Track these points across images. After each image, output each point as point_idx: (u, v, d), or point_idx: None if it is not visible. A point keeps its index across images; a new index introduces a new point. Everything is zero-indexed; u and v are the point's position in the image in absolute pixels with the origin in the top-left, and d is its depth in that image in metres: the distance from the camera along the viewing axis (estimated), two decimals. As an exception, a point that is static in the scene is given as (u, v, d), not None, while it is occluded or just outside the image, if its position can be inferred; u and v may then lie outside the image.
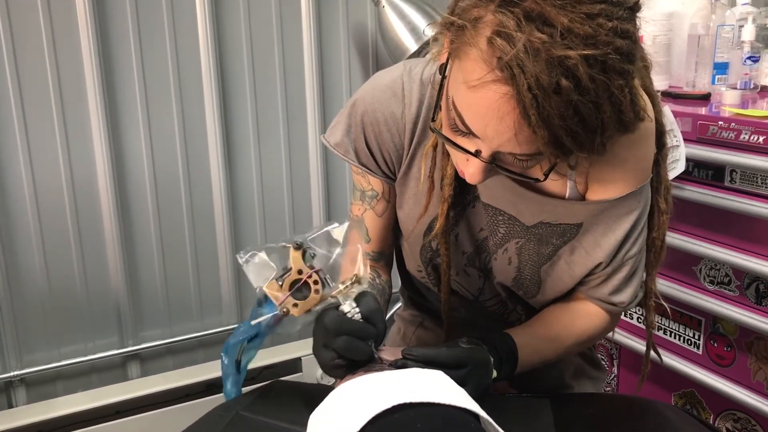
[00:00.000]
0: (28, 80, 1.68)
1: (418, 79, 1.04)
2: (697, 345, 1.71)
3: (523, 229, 1.04)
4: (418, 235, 1.09)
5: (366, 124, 1.05)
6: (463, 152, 0.84)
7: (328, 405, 0.70)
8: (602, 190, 1.01)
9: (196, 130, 1.89)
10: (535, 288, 1.08)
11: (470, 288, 1.13)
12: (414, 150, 1.06)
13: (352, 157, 1.07)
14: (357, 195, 1.13)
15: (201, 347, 2.02)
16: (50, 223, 1.77)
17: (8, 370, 1.78)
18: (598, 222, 1.02)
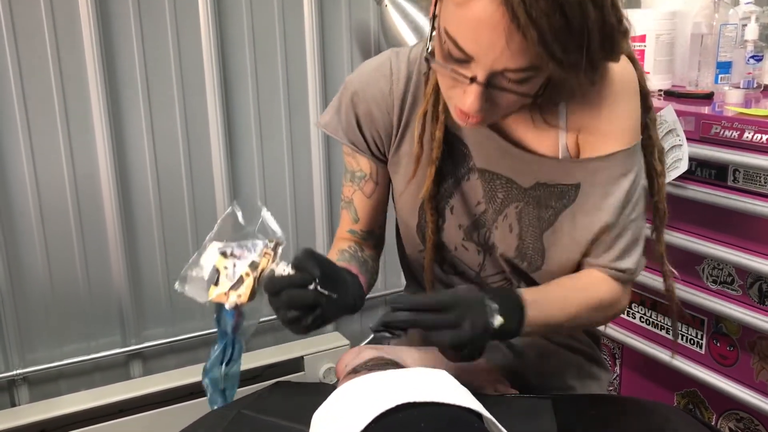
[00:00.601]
0: (31, 77, 1.69)
1: (405, 59, 1.08)
2: (699, 344, 1.71)
3: (521, 192, 1.05)
4: (413, 211, 1.11)
5: (356, 103, 1.09)
6: (461, 77, 0.87)
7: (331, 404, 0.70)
8: (593, 150, 1.03)
9: (199, 128, 1.89)
10: (539, 258, 1.07)
11: (471, 264, 1.13)
12: (404, 128, 1.09)
13: (341, 136, 1.11)
14: (347, 177, 1.16)
15: (203, 346, 2.02)
16: (53, 222, 1.77)
17: (11, 368, 1.78)
18: (595, 184, 1.03)
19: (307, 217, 2.08)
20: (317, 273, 0.90)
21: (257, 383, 1.98)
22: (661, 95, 1.81)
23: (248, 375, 1.99)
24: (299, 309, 0.90)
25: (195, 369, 1.95)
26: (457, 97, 0.92)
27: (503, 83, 0.87)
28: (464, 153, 1.08)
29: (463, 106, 0.90)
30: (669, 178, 1.59)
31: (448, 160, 1.08)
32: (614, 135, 1.02)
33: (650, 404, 0.93)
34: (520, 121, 1.05)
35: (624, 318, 1.86)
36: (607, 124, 1.02)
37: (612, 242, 1.04)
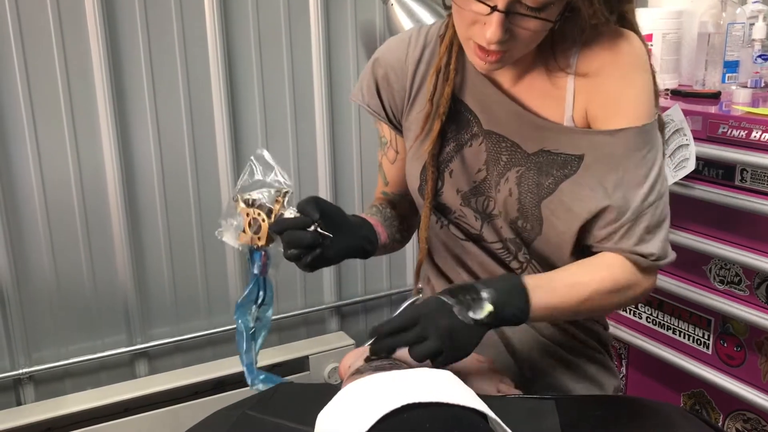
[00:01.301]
0: (37, 77, 1.69)
1: (424, 33, 1.15)
2: (706, 345, 1.71)
3: (524, 157, 1.06)
4: (416, 173, 1.14)
5: (375, 69, 1.16)
6: (482, 8, 0.92)
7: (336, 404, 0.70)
8: (602, 123, 1.03)
9: (204, 128, 1.89)
10: (538, 226, 1.07)
11: (471, 227, 1.14)
12: (416, 93, 1.14)
13: (361, 100, 1.18)
14: (378, 142, 1.24)
15: (209, 345, 2.02)
16: (58, 221, 1.77)
17: (17, 367, 1.78)
18: (599, 158, 1.02)
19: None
20: (316, 216, 0.98)
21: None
22: (668, 94, 1.80)
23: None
24: (299, 248, 0.98)
25: (201, 368, 1.96)
26: (476, 34, 0.96)
27: (523, 10, 0.92)
28: (469, 119, 1.10)
29: (483, 41, 0.95)
30: (676, 178, 1.58)
31: (452, 125, 1.11)
32: (625, 110, 1.01)
33: (655, 405, 0.93)
34: (529, 85, 1.08)
35: (630, 318, 1.85)
36: (618, 96, 1.02)
37: (630, 227, 1.01)
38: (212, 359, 2.01)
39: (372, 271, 2.22)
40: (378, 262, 2.22)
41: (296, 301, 2.12)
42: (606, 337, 1.23)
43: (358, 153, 2.12)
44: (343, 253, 1.04)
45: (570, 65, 1.04)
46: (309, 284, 2.12)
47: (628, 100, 1.01)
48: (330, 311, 2.18)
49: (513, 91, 1.08)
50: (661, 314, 1.80)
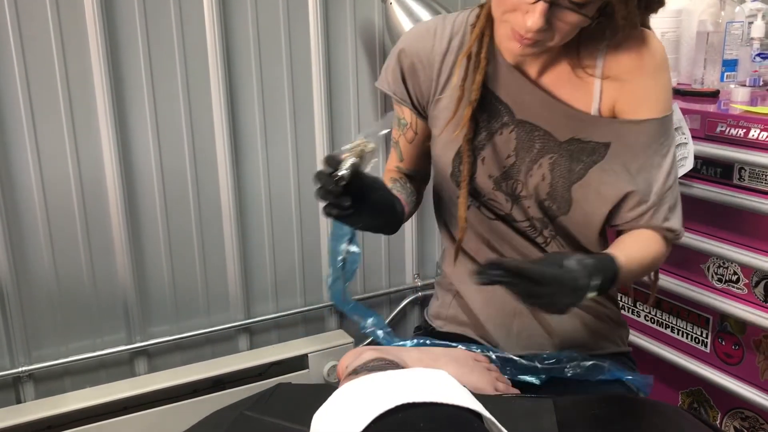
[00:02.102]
0: (37, 78, 1.69)
1: (450, 23, 1.20)
2: (704, 343, 1.71)
3: (557, 145, 1.14)
4: (448, 160, 1.19)
5: (401, 59, 1.21)
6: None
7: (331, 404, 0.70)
8: (627, 114, 1.13)
9: (204, 127, 1.89)
10: (566, 206, 1.16)
11: (502, 208, 1.21)
12: (444, 83, 1.19)
13: (386, 87, 1.24)
14: (396, 122, 1.29)
15: (208, 343, 2.03)
16: (58, 220, 1.78)
17: (16, 365, 1.78)
18: (624, 145, 1.12)
19: (311, 219, 2.09)
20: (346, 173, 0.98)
21: (262, 380, 1.99)
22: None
23: (253, 372, 2.00)
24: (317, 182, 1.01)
25: (200, 366, 1.96)
26: (516, 20, 1.01)
27: (566, 3, 0.98)
28: (499, 109, 1.16)
29: (521, 27, 1.00)
30: (674, 177, 1.59)
31: (483, 114, 1.16)
32: (648, 104, 1.12)
33: (652, 404, 0.93)
34: (556, 76, 1.15)
35: (629, 317, 1.85)
36: (643, 93, 1.12)
37: (656, 207, 1.14)
38: (211, 357, 2.01)
39: (371, 270, 2.22)
40: (377, 260, 2.23)
41: (296, 299, 2.12)
42: (615, 293, 1.34)
43: (357, 151, 2.11)
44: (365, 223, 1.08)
45: (596, 66, 1.13)
46: (308, 282, 2.13)
47: (651, 95, 1.13)
48: (329, 309, 2.18)
49: (541, 81, 1.16)
50: (659, 312, 1.80)
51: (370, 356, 0.92)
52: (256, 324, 2.07)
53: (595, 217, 1.16)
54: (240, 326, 2.04)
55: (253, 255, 2.03)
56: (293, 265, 2.10)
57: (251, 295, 2.05)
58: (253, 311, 2.06)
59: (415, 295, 2.29)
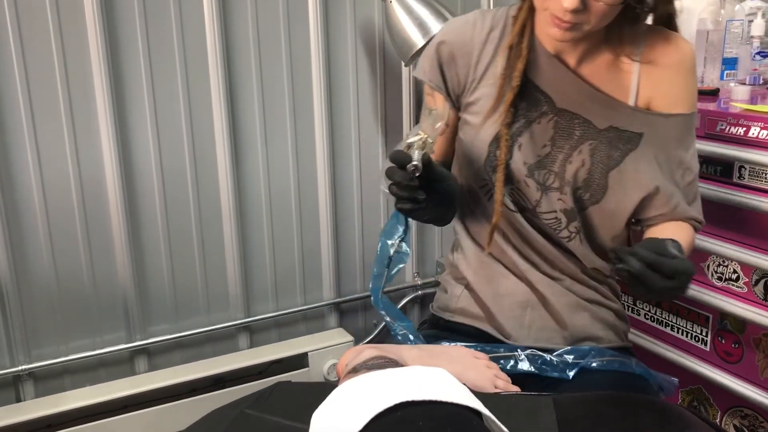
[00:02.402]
0: (37, 79, 1.69)
1: (490, 16, 1.25)
2: (704, 341, 1.71)
3: (596, 132, 1.20)
4: (484, 143, 1.22)
5: (441, 49, 1.25)
6: None
7: (330, 403, 0.70)
8: (660, 107, 1.21)
9: (203, 127, 1.89)
10: (600, 194, 1.21)
11: (529, 198, 1.24)
12: (482, 74, 1.23)
13: (425, 76, 1.28)
14: (426, 113, 1.29)
15: (208, 342, 2.03)
16: (58, 220, 1.78)
17: (16, 364, 1.78)
18: (655, 137, 1.20)
19: (311, 218, 2.09)
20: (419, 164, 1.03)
21: (262, 379, 1.99)
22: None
23: (253, 371, 2.00)
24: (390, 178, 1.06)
25: (200, 365, 1.96)
26: (553, 5, 1.07)
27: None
28: (538, 98, 1.21)
29: (559, 11, 1.06)
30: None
31: (522, 103, 1.21)
32: (681, 100, 1.21)
33: (652, 401, 0.93)
34: (595, 66, 1.21)
35: (629, 315, 1.85)
36: (680, 89, 1.21)
37: (685, 198, 1.24)
38: (211, 356, 2.01)
39: (371, 268, 2.21)
40: (376, 259, 2.22)
41: (296, 298, 2.12)
42: (616, 287, 1.38)
43: (357, 150, 2.12)
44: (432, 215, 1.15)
45: (636, 53, 1.20)
46: (308, 281, 2.13)
47: (683, 92, 1.22)
48: (329, 308, 2.18)
49: (580, 71, 1.21)
50: (659, 311, 1.80)
51: (370, 354, 0.92)
52: (256, 322, 2.07)
53: (626, 203, 1.21)
54: (240, 325, 2.04)
55: (253, 254, 2.03)
56: (293, 264, 2.10)
57: (251, 293, 2.05)
58: (253, 310, 2.06)
59: (415, 294, 2.29)
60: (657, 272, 1.01)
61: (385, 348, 1.01)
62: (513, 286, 1.29)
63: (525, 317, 1.28)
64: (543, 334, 1.28)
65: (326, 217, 2.09)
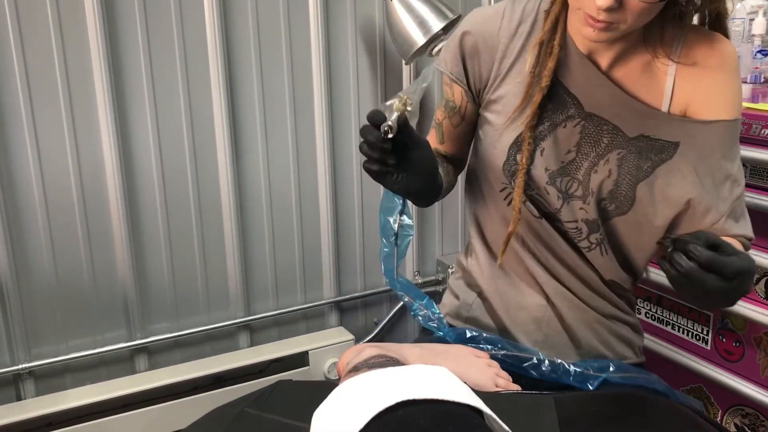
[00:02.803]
0: (36, 75, 1.69)
1: (520, 8, 1.17)
2: (705, 340, 1.71)
3: (626, 140, 1.12)
4: (505, 145, 1.15)
5: (464, 40, 1.18)
6: None
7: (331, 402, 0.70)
8: (698, 114, 1.11)
9: (204, 124, 1.89)
10: (627, 205, 1.13)
11: (550, 205, 1.17)
12: (508, 68, 1.16)
13: (444, 66, 1.21)
14: (442, 103, 1.25)
15: (208, 341, 2.03)
16: (58, 218, 1.77)
17: (17, 362, 1.78)
18: (693, 146, 1.09)
19: (311, 216, 2.09)
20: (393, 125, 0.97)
21: (262, 377, 1.99)
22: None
23: (253, 369, 2.00)
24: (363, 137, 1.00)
25: (200, 363, 1.96)
26: (587, 4, 0.99)
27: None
28: (566, 100, 1.14)
29: (593, 10, 0.98)
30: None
31: (549, 104, 1.14)
32: (723, 105, 1.10)
33: (652, 400, 0.93)
34: (629, 69, 1.13)
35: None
36: (719, 93, 1.10)
37: (732, 215, 1.12)
38: (211, 354, 2.01)
39: (371, 266, 2.22)
40: (377, 257, 2.22)
41: (296, 296, 2.12)
42: (633, 301, 1.31)
43: (358, 151, 2.11)
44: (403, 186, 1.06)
45: (674, 53, 1.11)
46: (308, 280, 2.13)
47: (727, 97, 1.11)
48: (329, 306, 2.18)
49: (612, 74, 1.13)
50: (659, 309, 1.80)
51: (371, 353, 0.92)
52: (257, 321, 2.07)
53: (655, 219, 1.12)
54: (240, 323, 2.04)
55: (254, 252, 2.03)
56: (293, 262, 2.09)
57: (251, 292, 2.05)
58: (253, 308, 2.06)
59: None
60: (714, 272, 0.90)
61: (386, 347, 1.01)
62: (529, 300, 1.22)
63: (539, 332, 1.22)
64: (555, 351, 1.22)
65: (326, 215, 2.09)
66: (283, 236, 2.06)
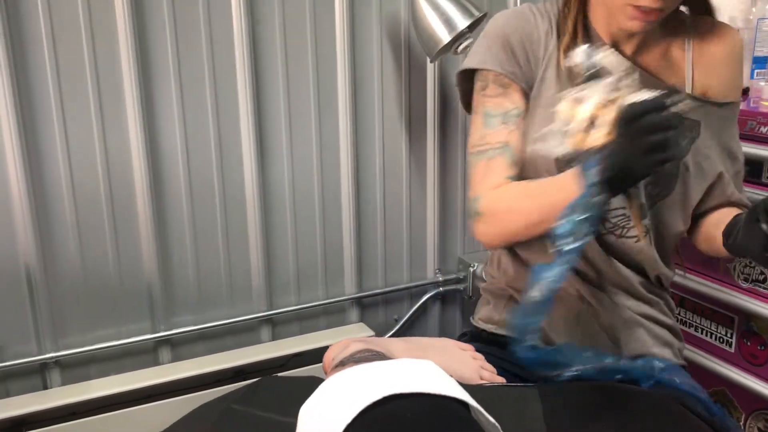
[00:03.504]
0: (67, 71, 1.72)
1: (543, 7, 1.20)
2: (729, 343, 1.68)
3: None
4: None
5: (507, 37, 1.15)
6: None
7: (318, 397, 0.70)
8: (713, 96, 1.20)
9: (230, 121, 1.91)
10: (670, 186, 1.17)
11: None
12: (547, 64, 1.16)
13: (499, 67, 1.14)
14: (497, 120, 1.13)
15: (230, 334, 2.05)
16: (85, 210, 1.81)
17: (43, 352, 1.82)
18: (709, 125, 1.19)
19: (334, 211, 2.10)
20: (672, 94, 0.91)
21: (284, 371, 2.01)
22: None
23: (274, 363, 2.01)
24: (668, 129, 0.88)
25: (222, 356, 1.98)
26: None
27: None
28: None
29: (647, 1, 1.01)
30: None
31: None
32: (733, 87, 1.23)
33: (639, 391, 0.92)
34: (652, 54, 1.19)
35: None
36: (731, 77, 1.22)
37: (738, 182, 1.25)
38: (233, 347, 2.03)
39: (392, 264, 2.22)
40: (398, 254, 2.23)
41: (317, 292, 2.13)
42: (672, 304, 1.33)
43: (381, 146, 2.12)
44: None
45: (688, 39, 1.20)
46: (330, 276, 2.14)
47: (737, 80, 1.24)
48: (350, 302, 2.18)
49: (638, 59, 1.18)
50: (683, 311, 1.78)
51: (357, 348, 0.92)
52: (279, 315, 2.08)
53: (694, 194, 1.19)
54: (262, 317, 2.05)
55: (277, 247, 2.04)
56: (315, 258, 2.11)
57: (274, 286, 2.06)
58: (275, 303, 2.08)
59: (436, 291, 2.28)
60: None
61: (373, 341, 1.01)
62: (564, 300, 1.19)
63: (577, 334, 1.20)
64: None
65: (349, 212, 2.09)
66: (305, 232, 2.07)
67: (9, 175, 1.70)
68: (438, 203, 2.22)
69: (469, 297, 2.27)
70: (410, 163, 2.17)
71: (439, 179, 2.22)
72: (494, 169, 1.12)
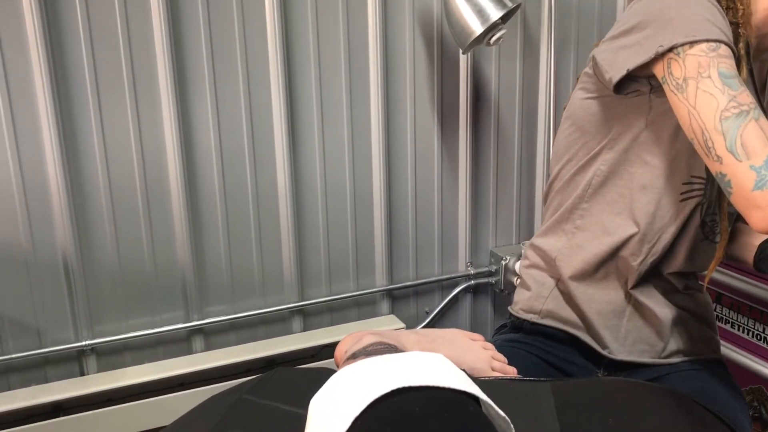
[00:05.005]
0: (104, 69, 1.75)
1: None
2: (766, 340, 1.64)
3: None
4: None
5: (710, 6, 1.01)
6: None
7: (328, 389, 0.70)
8: None
9: (262, 113, 1.92)
10: None
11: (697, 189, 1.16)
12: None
13: (727, 37, 1.00)
14: (735, 82, 0.97)
15: (262, 324, 2.07)
16: (121, 201, 1.84)
17: (80, 339, 1.86)
18: None
19: (365, 204, 2.10)
20: None
21: (314, 362, 2.02)
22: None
23: (305, 354, 2.03)
24: None
25: (254, 346, 2.00)
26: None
27: None
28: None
29: None
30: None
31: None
32: None
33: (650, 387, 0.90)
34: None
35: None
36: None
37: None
38: (265, 338, 2.05)
39: (423, 257, 2.22)
40: (430, 247, 2.22)
41: (349, 283, 2.14)
42: (708, 300, 1.31)
43: (413, 138, 2.12)
44: None
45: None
46: (361, 267, 2.14)
47: None
48: (381, 294, 2.19)
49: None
50: (719, 308, 1.75)
51: (369, 340, 0.92)
52: (310, 306, 2.10)
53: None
54: (294, 308, 2.07)
55: (308, 239, 2.06)
56: (347, 250, 2.11)
57: (305, 277, 2.08)
58: (307, 294, 2.09)
59: (468, 283, 2.28)
60: None
61: (385, 333, 1.01)
62: (612, 294, 1.20)
63: (621, 327, 1.20)
64: (638, 347, 1.21)
65: (380, 204, 2.10)
66: (337, 224, 2.08)
67: (48, 169, 1.74)
68: (470, 196, 2.22)
69: (500, 290, 2.26)
70: (442, 156, 2.17)
71: (471, 172, 2.21)
72: (758, 132, 0.94)
